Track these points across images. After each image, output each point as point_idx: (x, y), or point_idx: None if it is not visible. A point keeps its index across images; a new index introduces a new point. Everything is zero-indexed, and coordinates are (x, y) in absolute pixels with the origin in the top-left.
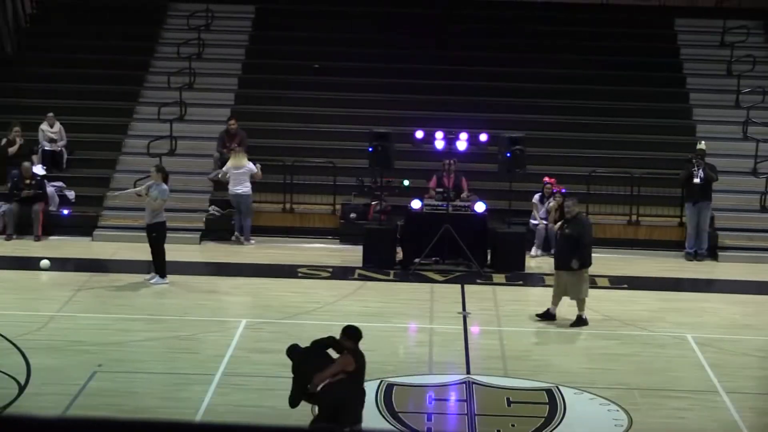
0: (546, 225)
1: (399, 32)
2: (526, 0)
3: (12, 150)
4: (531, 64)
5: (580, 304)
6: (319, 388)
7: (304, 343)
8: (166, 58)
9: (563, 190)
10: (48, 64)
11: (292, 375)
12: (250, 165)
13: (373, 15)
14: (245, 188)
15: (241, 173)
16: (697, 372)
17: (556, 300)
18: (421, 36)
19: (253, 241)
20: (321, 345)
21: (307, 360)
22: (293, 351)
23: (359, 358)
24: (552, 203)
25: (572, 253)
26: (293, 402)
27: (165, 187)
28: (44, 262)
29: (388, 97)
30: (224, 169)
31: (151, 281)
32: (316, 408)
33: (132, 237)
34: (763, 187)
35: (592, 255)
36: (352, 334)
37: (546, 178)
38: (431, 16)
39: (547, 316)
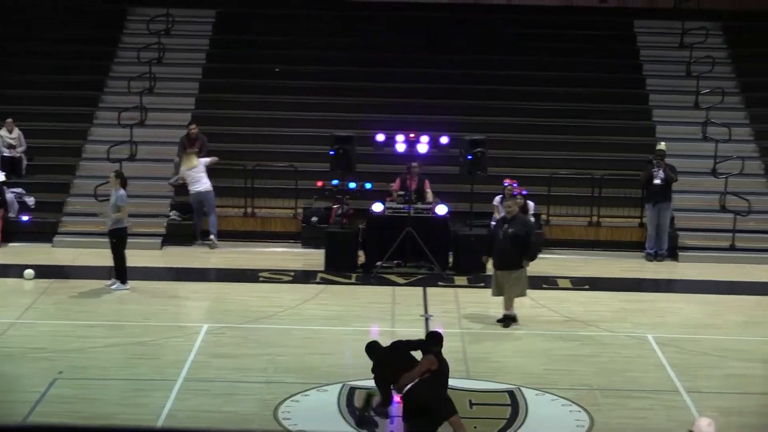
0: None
1: (360, 35)
2: (486, 3)
3: None
4: (491, 67)
5: (510, 303)
6: (406, 389)
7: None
8: (126, 62)
9: (524, 192)
10: (6, 69)
11: (372, 373)
12: (202, 161)
13: (334, 18)
14: (204, 185)
15: (195, 172)
16: (658, 372)
17: (510, 302)
18: (382, 39)
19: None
20: (407, 346)
21: (391, 358)
22: (374, 348)
23: (442, 359)
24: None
25: (520, 252)
26: (387, 401)
27: (122, 192)
28: (28, 272)
29: (349, 101)
30: (179, 173)
31: (112, 287)
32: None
33: (92, 243)
34: (723, 188)
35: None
36: (439, 339)
37: (506, 180)
38: (392, 19)
39: (509, 320)
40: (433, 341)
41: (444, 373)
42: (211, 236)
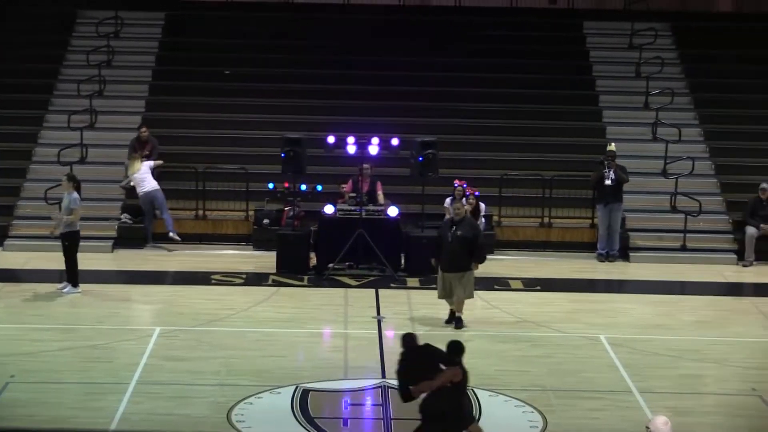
0: None
1: (310, 38)
2: (436, 4)
3: None
4: (442, 68)
5: (461, 305)
6: (422, 396)
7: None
8: (76, 65)
9: (476, 193)
10: None
11: (398, 363)
12: (146, 163)
13: (283, 21)
14: (152, 185)
15: (141, 175)
16: (611, 372)
17: (449, 302)
18: (332, 42)
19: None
20: (433, 354)
21: (418, 359)
22: (408, 340)
23: (465, 371)
24: (466, 206)
25: (470, 253)
26: (402, 396)
27: (75, 195)
28: None
29: (300, 103)
30: (128, 178)
31: (64, 290)
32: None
33: (44, 246)
34: (673, 188)
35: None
36: (461, 349)
37: (456, 181)
38: (342, 21)
39: (452, 319)
40: (456, 351)
41: (465, 382)
42: (171, 233)
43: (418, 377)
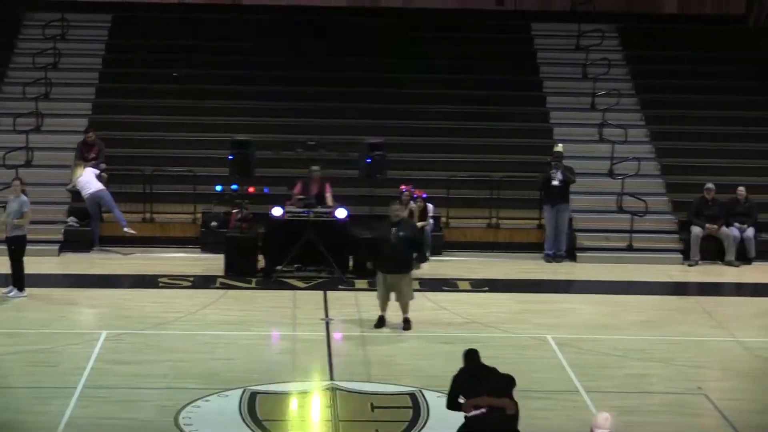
0: None
1: (258, 40)
2: (383, 6)
3: None
4: (389, 70)
5: (407, 307)
6: (472, 413)
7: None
8: (21, 68)
9: (424, 195)
10: None
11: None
12: (89, 169)
13: (232, 21)
14: (97, 186)
15: (85, 178)
16: (558, 372)
17: (385, 305)
18: (280, 44)
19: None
20: (500, 378)
21: (484, 376)
22: (472, 356)
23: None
24: (413, 206)
25: (413, 254)
26: (449, 404)
27: (26, 198)
28: None
29: (248, 105)
30: (72, 182)
31: (9, 294)
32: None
33: None
34: (619, 188)
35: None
36: (515, 383)
37: (402, 186)
38: (290, 22)
39: (382, 323)
40: (513, 384)
41: (516, 418)
42: (125, 229)
43: (478, 392)
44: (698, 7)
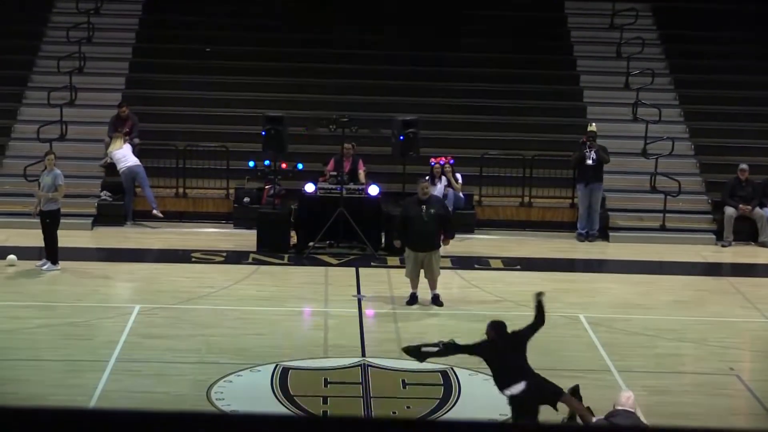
0: None
1: (291, 17)
2: None
3: None
4: (424, 47)
5: (436, 283)
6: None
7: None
8: (56, 42)
9: (451, 161)
10: None
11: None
12: (127, 146)
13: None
14: (134, 161)
15: (123, 151)
16: (590, 351)
17: (416, 282)
18: (312, 20)
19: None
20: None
21: (509, 346)
22: (499, 328)
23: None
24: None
25: (445, 231)
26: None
27: (59, 171)
28: (11, 257)
29: (281, 81)
30: (107, 155)
31: (43, 267)
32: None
33: (23, 223)
34: (653, 168)
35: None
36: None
37: (432, 159)
38: (326, 1)
39: (414, 301)
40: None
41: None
42: (153, 210)
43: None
44: None
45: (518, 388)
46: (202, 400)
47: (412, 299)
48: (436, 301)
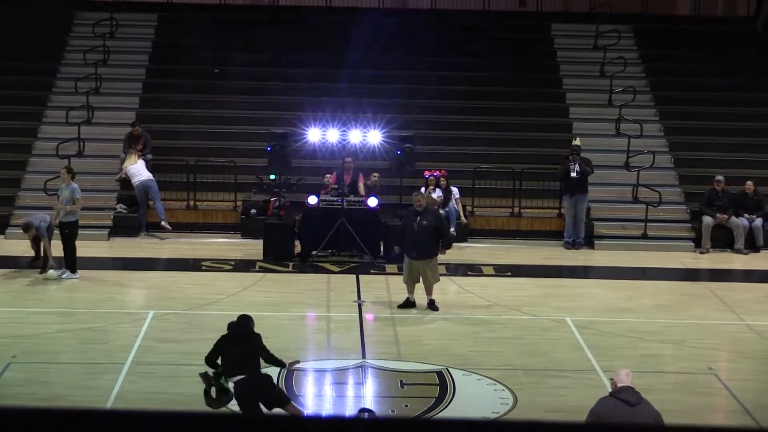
0: None
1: (295, 38)
2: (413, 7)
3: None
4: (420, 68)
5: (431, 289)
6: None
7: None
8: (73, 64)
9: (445, 174)
10: None
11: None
12: (141, 161)
13: (270, 21)
14: (147, 175)
15: (137, 167)
16: (577, 353)
17: (412, 288)
18: (317, 42)
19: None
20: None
21: (242, 342)
22: (245, 323)
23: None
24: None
25: (437, 241)
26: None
27: (76, 186)
28: (52, 272)
29: (285, 100)
30: (122, 171)
31: (63, 276)
32: None
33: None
34: (635, 180)
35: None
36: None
37: (426, 172)
38: (325, 22)
39: (408, 305)
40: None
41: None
42: (162, 222)
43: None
44: (709, 9)
45: (237, 379)
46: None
47: (406, 303)
48: (431, 306)
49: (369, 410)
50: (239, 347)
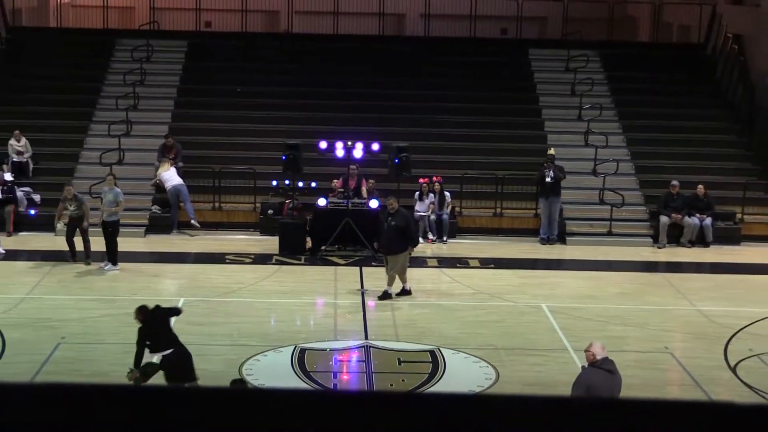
0: (421, 216)
1: (307, 62)
2: (408, 35)
3: None
4: (415, 87)
5: (394, 280)
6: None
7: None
8: (115, 84)
9: (441, 180)
10: (18, 91)
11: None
12: (173, 169)
13: (283, 47)
14: (178, 180)
15: (169, 174)
16: (551, 334)
17: (391, 281)
18: (325, 66)
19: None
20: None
21: (156, 325)
22: (146, 313)
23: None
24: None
25: (403, 240)
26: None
27: (119, 189)
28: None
29: (298, 115)
30: (157, 177)
31: (105, 268)
32: None
33: (90, 232)
34: (601, 185)
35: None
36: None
37: (421, 179)
38: (334, 49)
39: (385, 296)
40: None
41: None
42: (192, 221)
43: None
44: (666, 37)
45: (165, 353)
46: (235, 375)
47: (384, 294)
48: (402, 292)
49: (241, 380)
50: (163, 327)
